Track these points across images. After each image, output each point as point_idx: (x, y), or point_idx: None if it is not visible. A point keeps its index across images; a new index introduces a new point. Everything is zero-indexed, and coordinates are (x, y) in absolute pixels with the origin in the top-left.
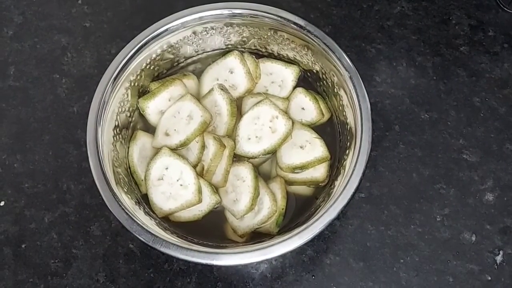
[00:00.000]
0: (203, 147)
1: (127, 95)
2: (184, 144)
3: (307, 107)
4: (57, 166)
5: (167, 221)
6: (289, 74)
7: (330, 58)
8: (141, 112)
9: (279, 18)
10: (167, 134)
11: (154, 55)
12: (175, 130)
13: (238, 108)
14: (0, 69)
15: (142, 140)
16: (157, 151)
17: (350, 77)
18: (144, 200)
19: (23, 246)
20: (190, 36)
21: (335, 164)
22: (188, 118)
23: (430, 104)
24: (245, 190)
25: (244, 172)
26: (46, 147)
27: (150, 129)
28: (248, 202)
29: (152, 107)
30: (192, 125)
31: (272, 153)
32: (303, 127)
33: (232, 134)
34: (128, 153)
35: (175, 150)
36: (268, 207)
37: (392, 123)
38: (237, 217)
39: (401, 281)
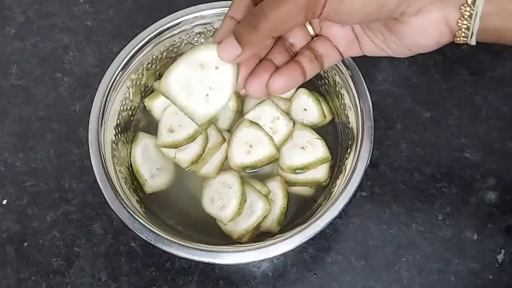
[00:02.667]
0: (207, 138)
1: (129, 93)
2: (193, 137)
3: (309, 108)
4: (59, 164)
5: (168, 219)
6: None
7: None
8: (149, 111)
9: None
10: (171, 131)
11: (156, 54)
12: (179, 126)
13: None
14: (2, 68)
15: (144, 141)
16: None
17: (352, 76)
18: (146, 201)
19: (25, 244)
20: (192, 34)
21: (337, 163)
22: None
23: (432, 102)
24: (233, 196)
25: (231, 179)
26: (48, 145)
27: (153, 128)
28: (236, 206)
29: (158, 105)
30: None
31: None
32: (304, 127)
33: (232, 130)
34: (130, 153)
35: (183, 145)
36: (261, 208)
37: (394, 122)
38: (224, 222)
39: (403, 279)
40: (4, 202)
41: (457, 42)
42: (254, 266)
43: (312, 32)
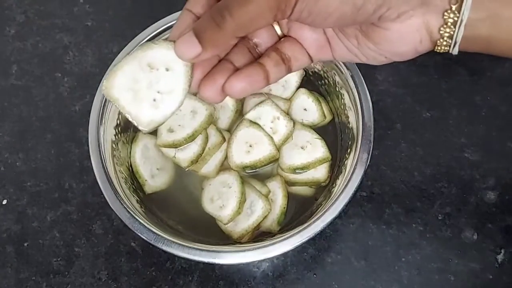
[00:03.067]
0: (207, 138)
1: None
2: (193, 137)
3: (309, 108)
4: (59, 164)
5: (168, 219)
6: (293, 75)
7: None
8: None
9: None
10: (171, 131)
11: None
12: (179, 125)
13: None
14: (2, 68)
15: (144, 141)
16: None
17: (352, 76)
18: (146, 201)
19: (25, 244)
20: None
21: (337, 163)
22: (191, 113)
23: (432, 102)
24: (232, 195)
25: (231, 179)
26: (48, 145)
27: None
28: (235, 206)
29: None
30: (198, 118)
31: None
32: (304, 127)
33: (232, 130)
34: (130, 153)
35: (183, 144)
36: (261, 207)
37: (394, 122)
38: (224, 222)
39: (403, 279)
40: (4, 202)
41: (438, 51)
42: (254, 266)
43: (279, 32)
